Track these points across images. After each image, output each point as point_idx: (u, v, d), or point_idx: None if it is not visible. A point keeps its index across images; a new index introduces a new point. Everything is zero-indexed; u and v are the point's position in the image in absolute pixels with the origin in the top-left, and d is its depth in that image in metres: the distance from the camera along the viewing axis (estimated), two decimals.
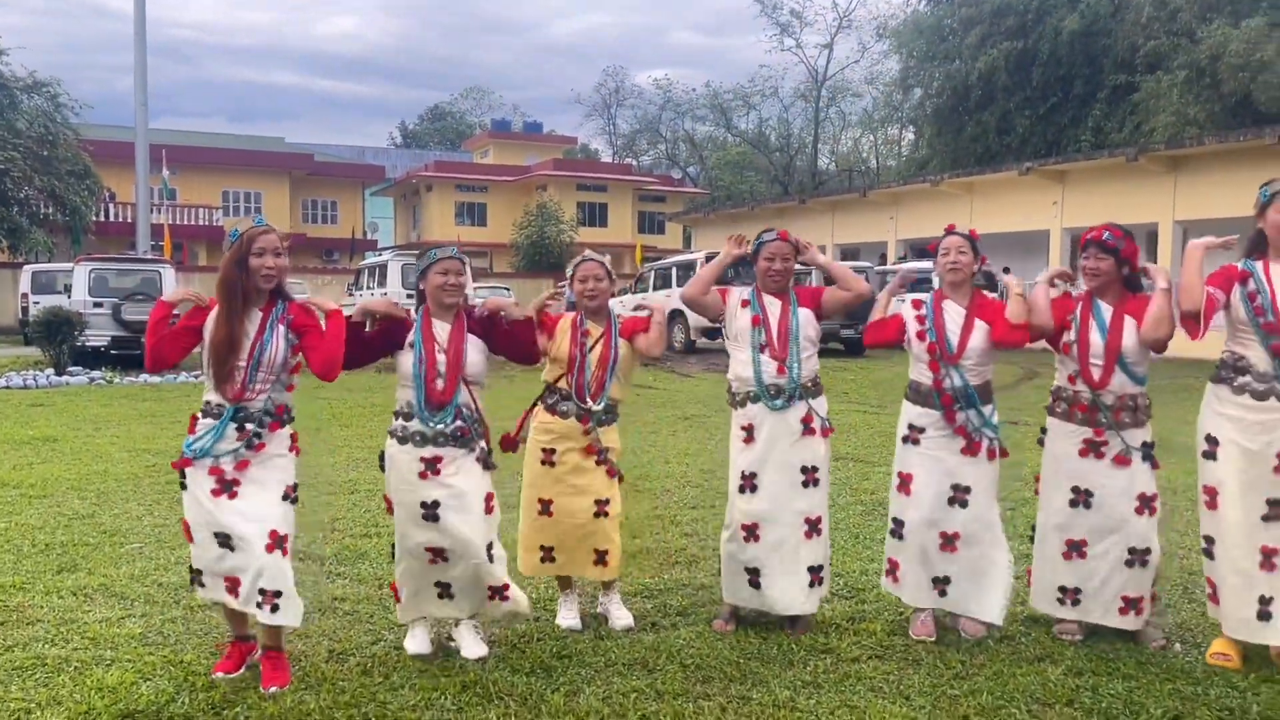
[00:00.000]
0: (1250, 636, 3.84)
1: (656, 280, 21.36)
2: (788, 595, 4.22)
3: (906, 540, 4.24)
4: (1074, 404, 4.09)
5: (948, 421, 4.15)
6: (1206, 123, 23.64)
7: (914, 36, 33.53)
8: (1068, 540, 4.11)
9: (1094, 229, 4.11)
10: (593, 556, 4.33)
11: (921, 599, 4.22)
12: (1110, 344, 4.01)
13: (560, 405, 4.28)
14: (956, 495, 4.15)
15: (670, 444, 9.16)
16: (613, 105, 59.90)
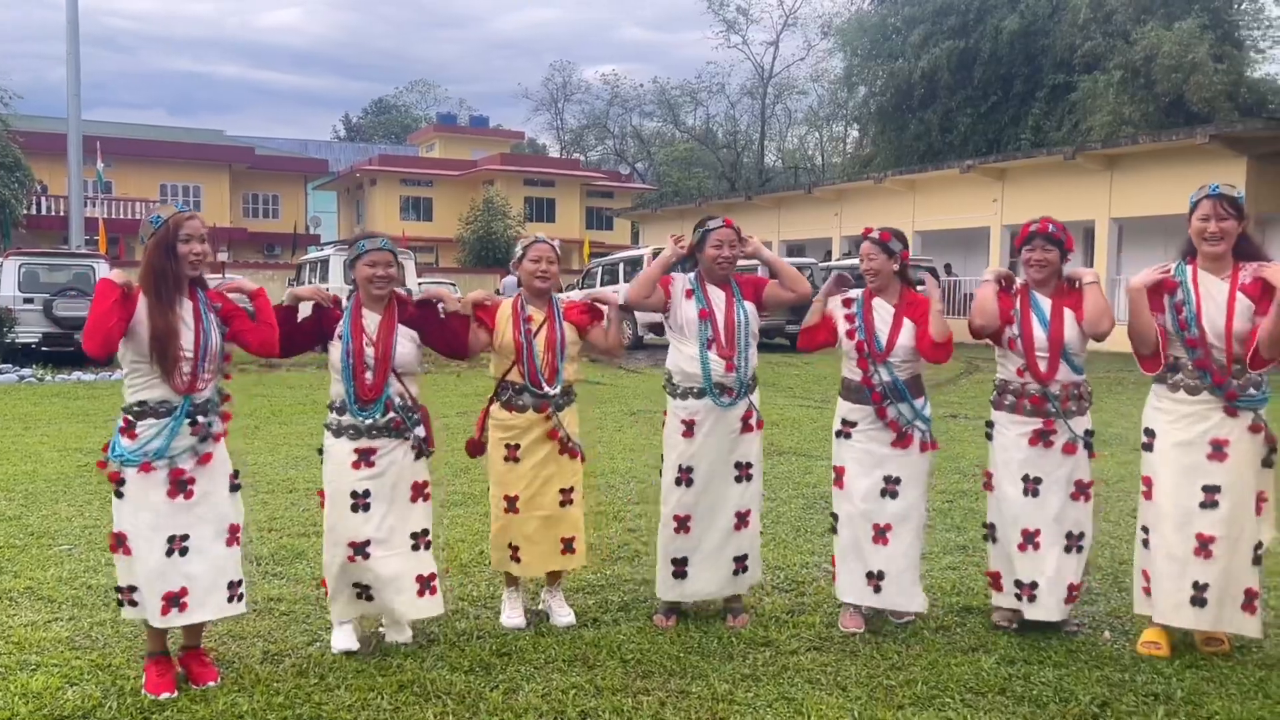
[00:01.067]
0: (1182, 622, 3.92)
1: (604, 276, 21.35)
2: (712, 583, 4.30)
3: (841, 534, 4.28)
4: (1022, 396, 4.15)
5: (879, 416, 4.20)
6: (1141, 122, 24.18)
7: (858, 35, 33.83)
8: (1023, 531, 4.14)
9: (1035, 221, 4.17)
10: (559, 546, 4.32)
11: (857, 595, 4.23)
12: (1053, 336, 4.08)
13: (517, 399, 4.25)
14: (888, 487, 4.21)
15: (616, 439, 9.16)
16: (560, 100, 59.71)
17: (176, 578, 3.52)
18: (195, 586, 3.54)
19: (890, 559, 4.19)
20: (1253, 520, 3.88)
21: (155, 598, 3.50)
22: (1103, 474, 7.28)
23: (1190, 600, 3.89)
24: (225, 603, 3.63)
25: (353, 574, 3.91)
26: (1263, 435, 3.88)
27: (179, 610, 3.53)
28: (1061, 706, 3.43)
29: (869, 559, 4.21)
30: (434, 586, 4.00)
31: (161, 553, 3.50)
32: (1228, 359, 3.84)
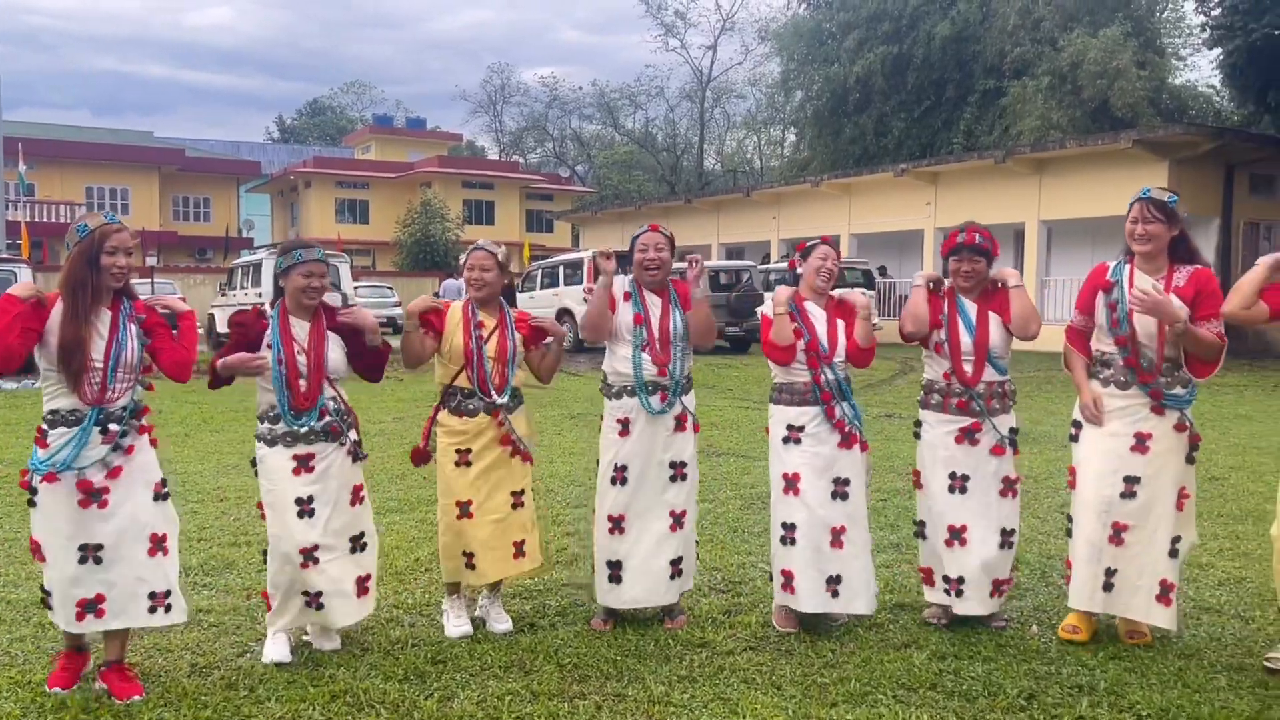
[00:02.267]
0: (1093, 606, 4.06)
1: (544, 279, 21.28)
2: (648, 590, 4.29)
3: (799, 544, 4.21)
4: (948, 396, 4.22)
5: (828, 416, 4.23)
6: (1069, 127, 24.78)
7: (794, 40, 34.16)
8: (950, 527, 4.20)
9: (962, 231, 4.22)
10: (512, 550, 4.29)
11: (817, 604, 4.18)
12: (979, 340, 4.16)
13: (466, 405, 4.21)
14: (838, 488, 4.24)
15: (556, 442, 9.13)
16: (499, 102, 59.29)
17: (93, 584, 3.46)
18: (113, 594, 3.48)
19: (845, 562, 4.21)
20: (1172, 515, 3.99)
21: (69, 604, 3.46)
22: (1031, 471, 7.46)
23: (1102, 586, 4.02)
24: (146, 612, 3.56)
25: (305, 581, 3.84)
26: (1187, 434, 4.00)
27: (95, 616, 3.47)
28: (990, 700, 3.49)
29: (827, 564, 4.19)
30: (368, 587, 4.00)
31: (74, 561, 3.45)
32: (1157, 358, 3.95)
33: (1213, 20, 22.42)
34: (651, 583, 4.28)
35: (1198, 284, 3.95)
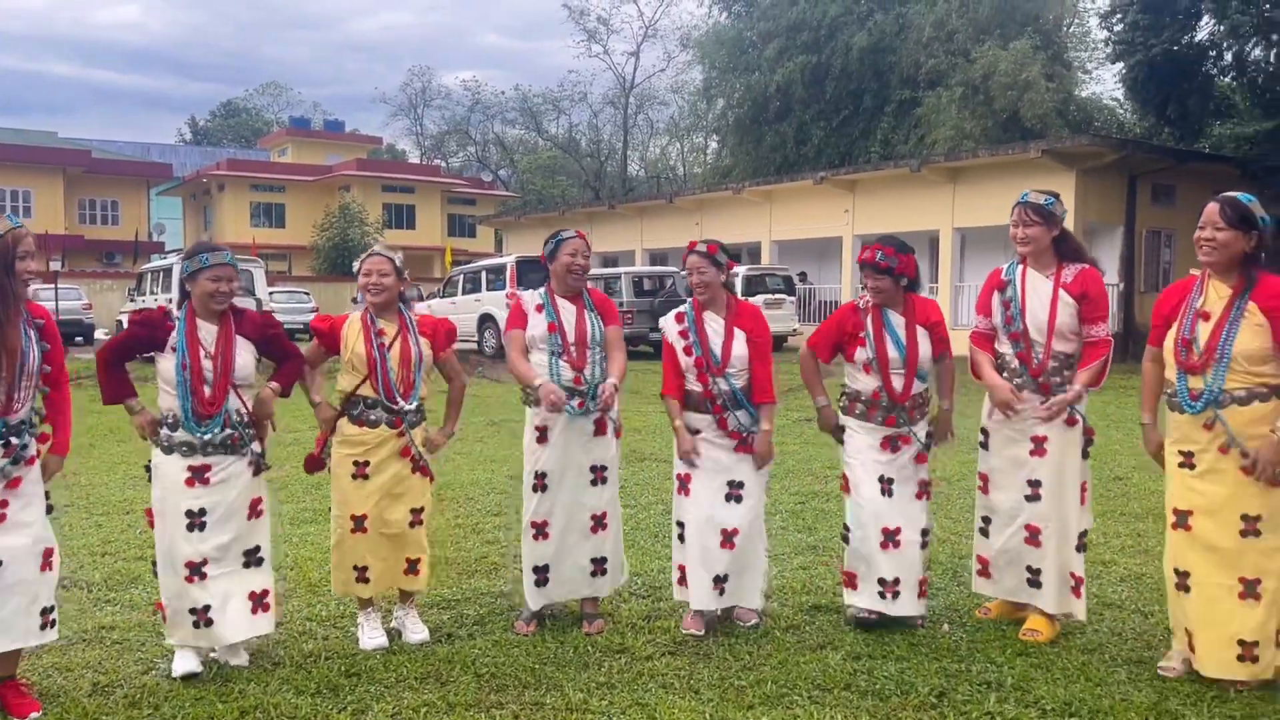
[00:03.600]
0: (1025, 598, 4.23)
1: (466, 284, 21.09)
2: (569, 585, 4.32)
3: (689, 542, 4.30)
4: (874, 408, 4.25)
5: (720, 427, 4.28)
6: (981, 136, 25.43)
7: (715, 48, 34.45)
8: (884, 529, 4.22)
9: (868, 249, 4.25)
10: (404, 565, 4.23)
11: (706, 601, 4.26)
12: (909, 355, 4.20)
13: (368, 414, 4.12)
14: (732, 491, 4.28)
15: (477, 450, 9.05)
16: (419, 106, 58.59)
17: None
18: (5, 610, 3.34)
19: (734, 561, 4.26)
20: (1076, 509, 4.13)
21: None
22: (945, 473, 7.62)
23: (1027, 583, 4.18)
24: (38, 630, 3.44)
25: (191, 597, 3.74)
26: (1079, 428, 4.13)
27: None
28: (902, 699, 3.56)
29: (715, 563, 4.25)
30: (266, 604, 3.90)
31: None
32: (1045, 353, 4.08)
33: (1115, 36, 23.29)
34: (574, 577, 4.33)
35: (1084, 285, 4.08)
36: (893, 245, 4.21)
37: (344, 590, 4.24)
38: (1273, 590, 3.56)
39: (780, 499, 6.85)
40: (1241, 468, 3.55)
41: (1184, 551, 3.70)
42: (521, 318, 4.37)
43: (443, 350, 4.33)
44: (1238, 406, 3.56)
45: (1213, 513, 3.61)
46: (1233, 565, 3.58)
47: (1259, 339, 3.53)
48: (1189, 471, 3.69)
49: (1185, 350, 3.66)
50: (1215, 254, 3.63)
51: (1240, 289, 3.59)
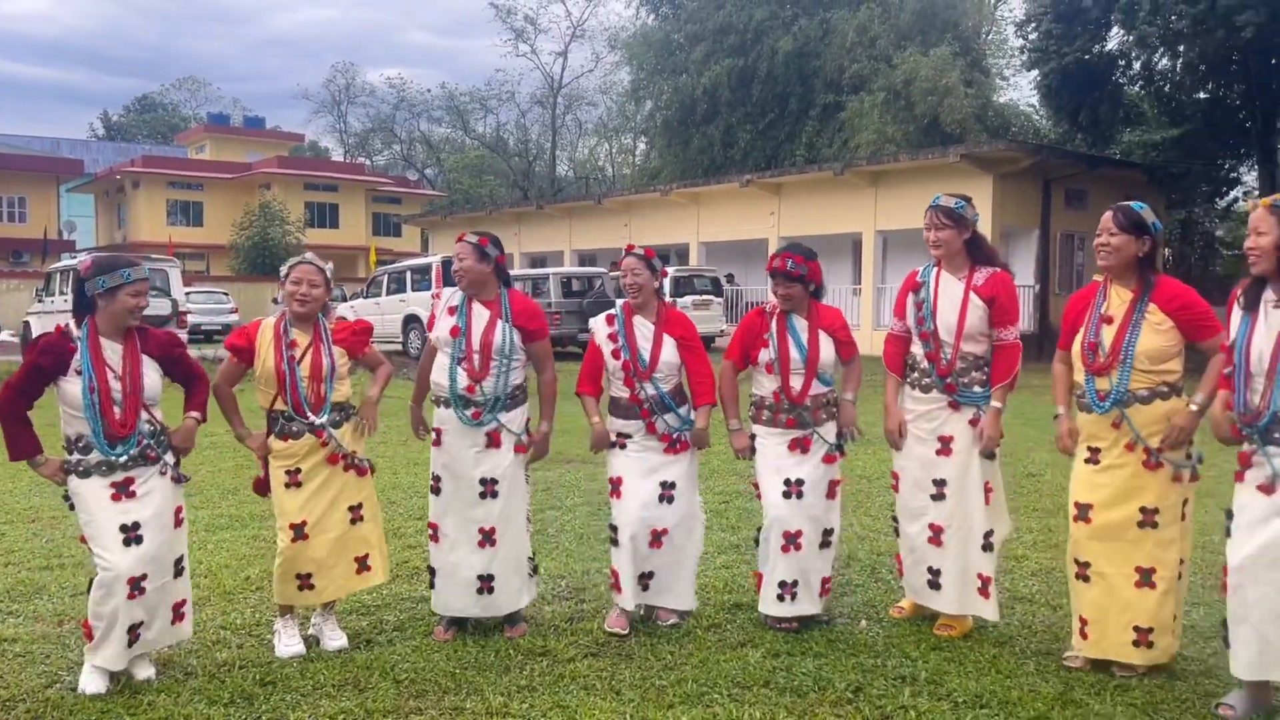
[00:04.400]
0: (927, 602, 4.31)
1: (390, 284, 20.81)
2: (456, 599, 4.26)
3: (622, 544, 4.31)
4: (777, 412, 4.33)
5: (649, 431, 4.31)
6: (903, 141, 25.93)
7: (643, 49, 34.54)
8: (786, 533, 4.28)
9: (777, 257, 4.29)
10: (354, 566, 4.17)
11: (631, 599, 4.30)
12: (810, 358, 4.28)
13: (289, 427, 4.05)
14: (665, 492, 4.32)
15: (399, 454, 8.94)
16: (343, 103, 57.64)
17: None
18: None
19: (662, 561, 4.31)
20: (981, 510, 4.21)
21: None
22: (865, 471, 7.77)
23: (928, 584, 4.26)
24: None
25: (130, 614, 3.62)
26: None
27: None
28: (820, 694, 3.62)
29: (643, 562, 4.30)
30: (184, 613, 3.83)
31: None
32: (954, 354, 4.19)
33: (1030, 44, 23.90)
34: (458, 592, 4.25)
35: (994, 288, 4.20)
36: (800, 253, 4.29)
37: (287, 599, 4.12)
38: (1167, 579, 3.74)
39: (705, 498, 6.87)
40: (1144, 463, 3.74)
41: (1084, 542, 3.88)
42: (435, 320, 4.34)
43: (360, 352, 4.27)
44: (1141, 405, 3.75)
45: (1113, 505, 3.80)
46: (1130, 555, 3.77)
47: (1160, 339, 3.73)
48: (1093, 467, 3.87)
49: (1091, 354, 3.84)
50: (1111, 257, 3.83)
51: (1140, 292, 3.79)
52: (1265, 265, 3.35)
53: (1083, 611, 3.89)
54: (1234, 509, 3.46)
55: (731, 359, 4.47)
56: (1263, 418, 3.33)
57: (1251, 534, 3.35)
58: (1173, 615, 3.78)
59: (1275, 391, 3.31)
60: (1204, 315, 3.77)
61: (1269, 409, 3.32)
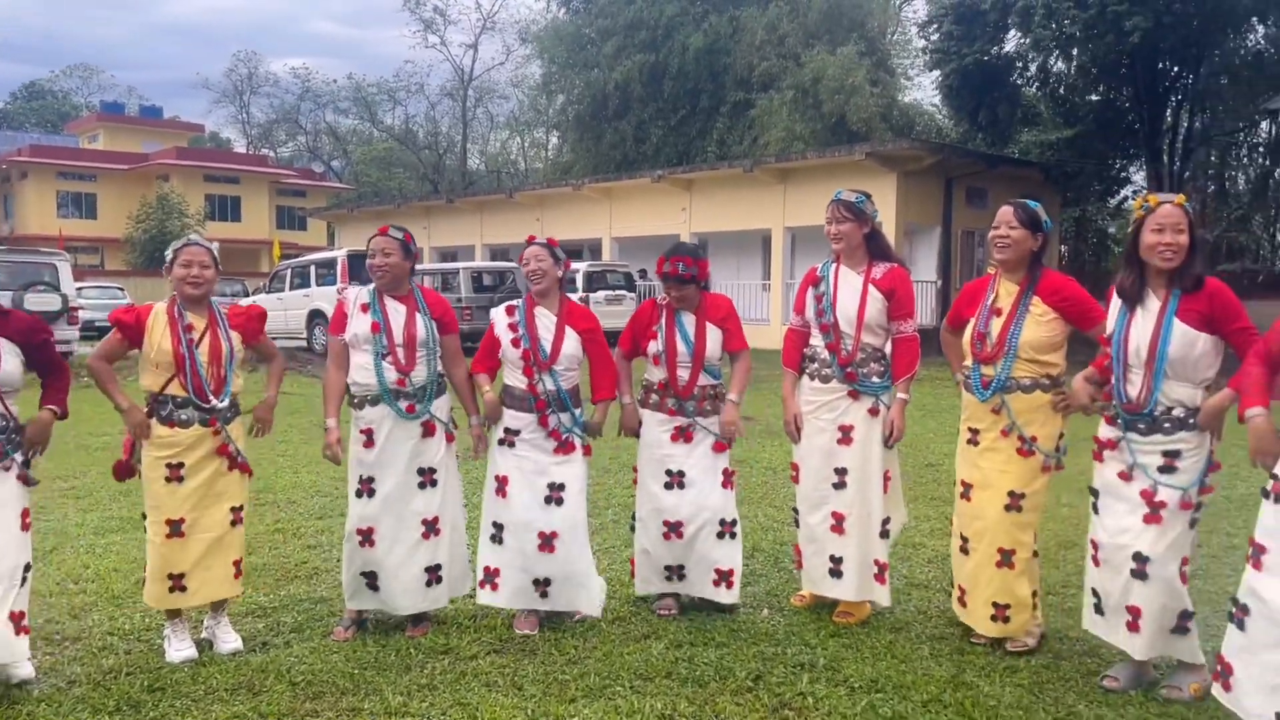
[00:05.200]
0: (826, 591, 4.37)
1: (294, 279, 20.32)
2: (407, 596, 4.19)
3: (506, 544, 4.29)
4: (663, 398, 4.40)
5: (541, 425, 4.29)
6: (811, 139, 26.34)
7: (555, 43, 34.37)
8: (665, 522, 4.36)
9: (666, 262, 4.32)
10: (232, 570, 4.05)
11: (523, 601, 4.28)
12: (697, 352, 4.34)
13: (178, 414, 3.91)
14: (553, 494, 4.29)
15: (301, 452, 8.73)
16: (246, 93, 56.03)
17: None
18: None
19: (557, 566, 4.26)
20: (879, 498, 4.32)
21: None
22: (771, 463, 7.88)
23: (829, 573, 4.33)
24: None
25: None
26: (882, 418, 4.33)
27: None
28: (721, 683, 3.65)
29: (534, 566, 4.25)
30: (25, 625, 3.57)
31: None
32: (854, 345, 4.27)
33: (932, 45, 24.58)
34: (407, 589, 4.19)
35: (893, 282, 4.30)
36: (688, 254, 4.34)
37: (158, 602, 3.99)
38: (1024, 560, 3.95)
39: (613, 492, 6.92)
40: (1017, 450, 3.92)
41: (964, 519, 4.09)
42: (340, 320, 4.25)
43: (255, 338, 4.16)
44: (1021, 394, 3.92)
45: (986, 486, 3.99)
46: (995, 536, 3.96)
47: (1043, 330, 3.90)
48: (973, 448, 4.07)
49: (980, 343, 4.01)
50: (1009, 251, 3.97)
51: (1026, 285, 3.95)
52: (1179, 260, 3.48)
53: (961, 581, 4.13)
54: (1097, 487, 3.69)
55: (623, 349, 4.55)
56: (1143, 409, 3.49)
57: (1110, 513, 3.60)
58: (1031, 592, 3.97)
59: (1156, 385, 3.46)
60: (1086, 305, 3.95)
61: (1150, 400, 3.47)
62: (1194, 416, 3.45)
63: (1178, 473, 3.46)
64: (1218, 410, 3.41)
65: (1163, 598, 3.47)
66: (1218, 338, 3.45)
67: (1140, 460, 3.51)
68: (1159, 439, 3.48)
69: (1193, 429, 3.45)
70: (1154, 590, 3.47)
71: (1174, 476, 3.46)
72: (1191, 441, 3.46)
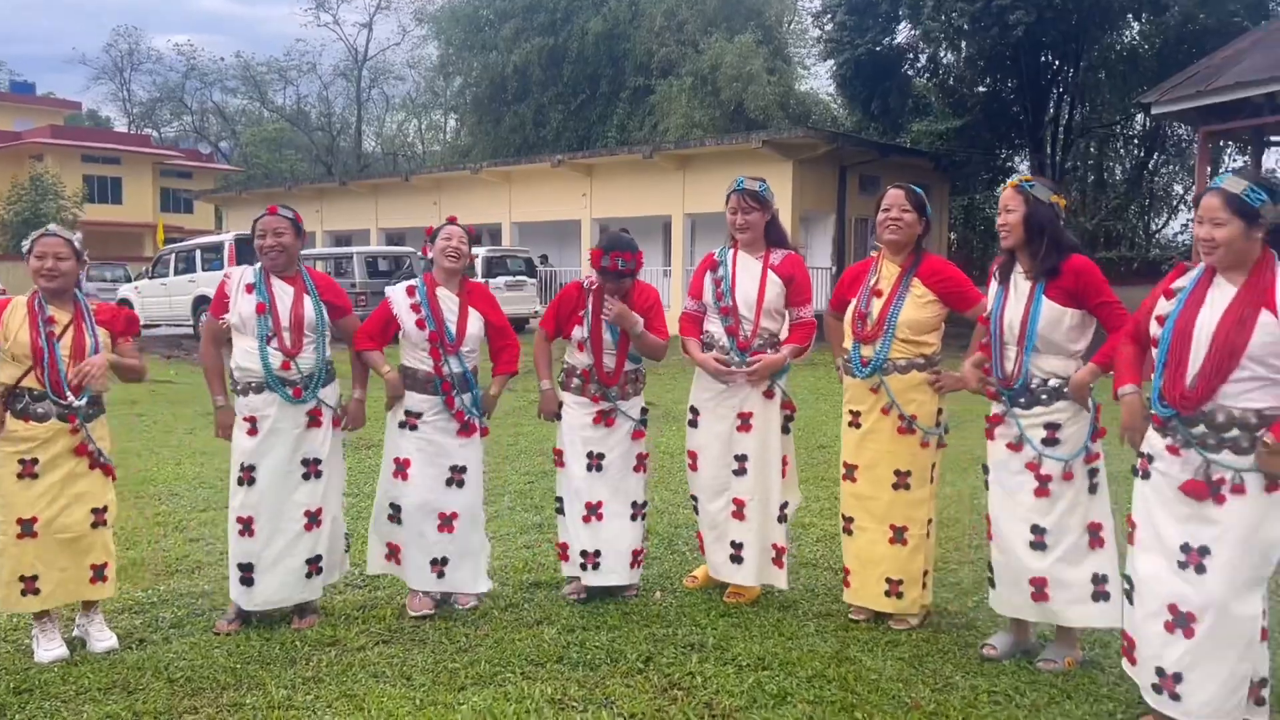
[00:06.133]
0: (728, 577, 4.43)
1: (179, 263, 19.61)
2: (285, 588, 4.11)
3: (406, 524, 4.28)
4: (586, 383, 4.40)
5: (447, 406, 4.25)
6: (709, 126, 26.49)
7: (452, 24, 33.78)
8: (586, 504, 4.38)
9: (605, 256, 4.26)
10: (89, 574, 3.87)
11: (422, 581, 4.28)
12: (622, 342, 4.36)
13: (34, 408, 3.73)
14: (454, 476, 4.29)
15: (186, 442, 8.45)
16: (126, 69, 53.60)
17: None
18: None
19: (455, 546, 4.28)
20: (778, 482, 4.41)
21: None
22: (668, 447, 7.94)
23: (730, 558, 4.39)
24: None
25: None
26: (779, 403, 4.42)
27: None
28: (612, 666, 3.68)
29: (433, 547, 4.26)
30: None
31: None
32: (753, 329, 4.34)
33: (826, 34, 24.96)
34: (286, 580, 4.10)
35: (791, 269, 4.39)
36: (627, 250, 4.31)
37: (6, 605, 3.81)
38: (917, 537, 4.07)
39: (509, 479, 6.88)
40: (898, 428, 4.04)
41: (849, 500, 4.20)
42: (221, 302, 4.12)
43: (121, 339, 4.00)
44: (899, 374, 4.04)
45: (872, 467, 4.11)
46: (886, 514, 4.08)
47: (921, 311, 4.03)
48: (856, 430, 4.17)
49: (860, 322, 4.11)
50: (901, 233, 4.09)
51: (908, 267, 4.07)
52: (1014, 239, 3.63)
53: (847, 563, 4.23)
54: (989, 464, 3.81)
55: (545, 328, 4.52)
56: (1016, 382, 3.63)
57: (1003, 487, 3.73)
58: (922, 570, 4.09)
59: (1026, 359, 3.61)
60: (963, 286, 4.10)
61: (1023, 373, 3.61)
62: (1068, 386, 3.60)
63: (1060, 444, 3.61)
64: (1081, 384, 3.57)
65: (1068, 567, 3.61)
66: (1085, 312, 3.61)
67: (1026, 433, 3.64)
68: (1039, 410, 3.62)
69: (1069, 398, 3.60)
70: (1054, 558, 3.61)
71: (1057, 449, 3.61)
72: (1068, 411, 3.61)
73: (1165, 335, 3.10)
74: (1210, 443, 2.99)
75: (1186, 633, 3.01)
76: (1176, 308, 3.11)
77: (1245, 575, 2.96)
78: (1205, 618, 2.98)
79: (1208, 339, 2.99)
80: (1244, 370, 2.93)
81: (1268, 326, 2.91)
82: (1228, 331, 2.95)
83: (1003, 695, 3.45)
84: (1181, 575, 3.03)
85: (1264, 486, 2.94)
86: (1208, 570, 2.98)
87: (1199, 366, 2.99)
